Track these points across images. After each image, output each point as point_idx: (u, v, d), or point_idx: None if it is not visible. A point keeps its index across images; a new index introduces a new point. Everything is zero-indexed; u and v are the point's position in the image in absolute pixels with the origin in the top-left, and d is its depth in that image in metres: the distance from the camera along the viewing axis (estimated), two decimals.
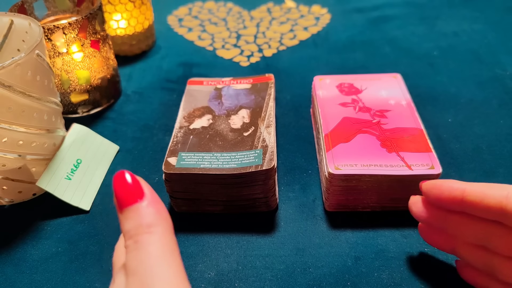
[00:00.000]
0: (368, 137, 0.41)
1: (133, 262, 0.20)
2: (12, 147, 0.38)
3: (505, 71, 0.59)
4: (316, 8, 0.78)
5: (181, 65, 0.64)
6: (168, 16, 0.78)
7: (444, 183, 0.30)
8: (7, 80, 0.34)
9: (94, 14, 0.49)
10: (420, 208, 0.33)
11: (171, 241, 0.21)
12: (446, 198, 0.30)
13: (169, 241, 0.21)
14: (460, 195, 0.29)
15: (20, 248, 0.39)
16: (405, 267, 0.35)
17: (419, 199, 0.33)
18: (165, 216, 0.22)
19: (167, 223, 0.22)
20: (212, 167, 0.38)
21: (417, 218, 0.33)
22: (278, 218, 0.40)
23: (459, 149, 0.47)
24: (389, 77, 0.49)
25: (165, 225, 0.22)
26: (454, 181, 0.30)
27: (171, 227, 0.22)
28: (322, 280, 0.35)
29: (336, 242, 0.38)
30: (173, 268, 0.20)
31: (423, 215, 0.32)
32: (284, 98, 0.56)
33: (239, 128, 0.42)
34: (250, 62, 0.64)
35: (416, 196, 0.33)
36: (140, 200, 0.22)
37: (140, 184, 0.22)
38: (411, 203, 0.33)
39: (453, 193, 0.29)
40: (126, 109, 0.55)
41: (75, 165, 0.43)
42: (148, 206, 0.22)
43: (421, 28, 0.70)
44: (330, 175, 0.38)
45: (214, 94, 0.47)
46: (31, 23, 0.40)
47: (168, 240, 0.21)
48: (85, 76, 0.51)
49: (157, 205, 0.22)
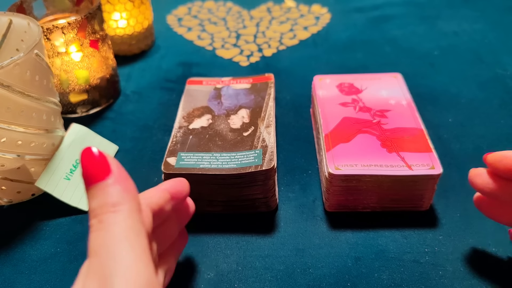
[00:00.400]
0: (368, 137, 0.40)
1: (95, 243, 0.20)
2: (11, 147, 0.38)
3: (505, 70, 0.58)
4: (316, 8, 0.78)
5: (181, 65, 0.64)
6: (168, 15, 0.78)
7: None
8: (6, 80, 0.34)
9: (93, 13, 0.49)
10: (486, 180, 0.31)
11: (137, 221, 0.20)
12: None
13: (135, 221, 0.20)
14: None
15: (19, 249, 0.39)
16: (405, 268, 0.35)
17: (483, 171, 0.32)
18: (132, 194, 0.21)
19: (134, 202, 0.21)
20: (212, 167, 0.38)
21: (481, 190, 0.32)
22: (278, 219, 0.40)
23: (460, 149, 0.46)
24: (390, 77, 0.48)
25: (132, 203, 0.21)
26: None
27: (139, 206, 0.21)
28: (322, 280, 0.35)
29: (336, 243, 0.38)
30: (136, 251, 0.19)
31: (489, 187, 0.31)
32: (284, 98, 0.56)
33: (238, 128, 0.42)
34: (249, 62, 0.64)
35: (478, 169, 0.32)
36: (107, 177, 0.21)
37: (107, 161, 0.21)
38: (473, 175, 0.32)
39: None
40: (125, 109, 0.55)
41: (74, 165, 0.43)
42: (115, 184, 0.21)
43: (422, 28, 0.70)
44: (330, 175, 0.37)
45: (213, 94, 0.47)
46: (30, 23, 0.40)
47: (134, 220, 0.20)
48: (84, 76, 0.51)
49: (124, 182, 0.21)
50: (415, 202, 0.39)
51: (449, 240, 0.37)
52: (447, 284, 0.34)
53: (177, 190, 0.28)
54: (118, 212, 0.20)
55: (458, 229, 0.38)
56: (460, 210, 0.40)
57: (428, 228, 0.38)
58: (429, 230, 0.38)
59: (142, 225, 0.21)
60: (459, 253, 0.36)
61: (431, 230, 0.38)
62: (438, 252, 0.36)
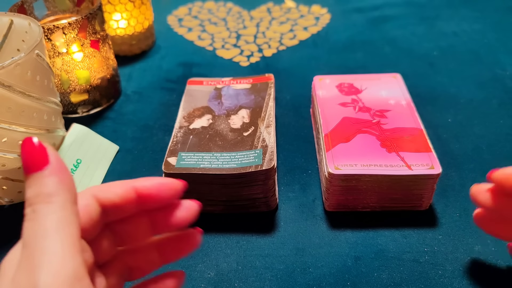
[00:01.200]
0: (368, 137, 0.41)
1: (27, 233, 0.20)
2: (12, 147, 0.38)
3: (505, 71, 0.59)
4: (316, 8, 0.78)
5: (181, 65, 0.64)
6: (168, 16, 0.78)
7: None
8: (7, 80, 0.34)
9: (94, 14, 0.49)
10: (488, 197, 0.31)
11: (71, 213, 0.20)
12: None
13: (68, 212, 0.20)
14: None
15: None
16: (405, 267, 0.35)
17: (485, 187, 0.32)
18: (68, 185, 0.21)
19: (69, 193, 0.21)
20: (212, 167, 0.38)
21: (484, 207, 0.32)
22: (278, 218, 0.40)
23: (459, 149, 0.47)
24: (389, 77, 0.49)
25: (67, 195, 0.21)
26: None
27: (74, 198, 0.21)
28: (322, 280, 0.35)
29: (336, 242, 0.38)
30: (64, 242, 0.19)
31: (491, 204, 0.31)
32: (284, 98, 0.56)
33: (239, 128, 0.42)
34: (250, 62, 0.64)
35: (480, 185, 0.32)
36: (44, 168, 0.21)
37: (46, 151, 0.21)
38: (476, 192, 0.32)
39: None
40: (126, 109, 0.55)
41: (75, 165, 0.43)
42: (51, 175, 0.21)
43: (421, 28, 0.70)
44: (330, 175, 0.38)
45: (214, 94, 0.47)
46: (31, 23, 0.40)
47: (68, 211, 0.20)
48: (85, 76, 0.51)
49: (60, 174, 0.21)
50: (415, 201, 0.39)
51: (449, 240, 0.37)
52: (447, 283, 0.34)
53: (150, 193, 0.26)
54: (51, 203, 0.20)
55: (458, 228, 0.38)
56: (459, 209, 0.40)
57: (427, 228, 0.38)
58: (429, 229, 0.38)
59: (75, 216, 0.21)
60: (459, 252, 0.36)
61: (431, 229, 0.38)
62: (438, 251, 0.36)
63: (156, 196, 0.26)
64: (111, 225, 0.26)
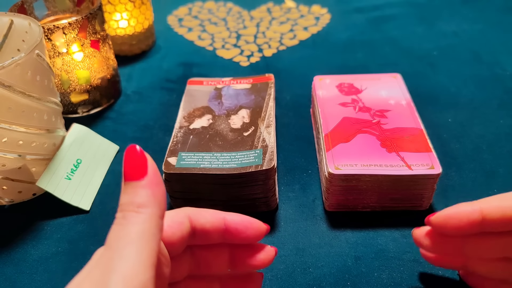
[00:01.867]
0: (368, 137, 0.41)
1: (113, 235, 0.21)
2: (12, 147, 0.38)
3: (505, 71, 0.59)
4: (316, 8, 0.78)
5: (181, 65, 0.64)
6: (168, 16, 0.78)
7: (456, 211, 0.29)
8: (7, 80, 0.34)
9: (94, 14, 0.49)
10: (431, 240, 0.31)
11: (156, 226, 0.21)
12: (465, 225, 0.28)
13: (154, 225, 0.21)
14: (479, 217, 0.27)
15: (20, 248, 0.39)
16: (405, 267, 0.35)
17: (424, 231, 0.31)
18: (159, 199, 0.22)
19: (158, 208, 0.22)
20: (212, 167, 0.38)
21: (430, 250, 0.32)
22: (278, 218, 0.40)
23: (459, 149, 0.47)
24: (389, 77, 0.49)
25: (156, 209, 0.22)
26: (464, 205, 0.28)
27: (162, 213, 0.22)
28: (322, 280, 0.35)
29: (336, 242, 0.38)
30: (142, 253, 0.20)
31: (437, 247, 0.31)
32: (284, 98, 0.56)
33: (239, 128, 0.42)
34: (250, 62, 0.64)
35: (419, 229, 0.32)
36: (141, 178, 0.22)
37: (146, 163, 0.23)
38: (418, 236, 0.32)
39: (471, 217, 0.28)
40: (126, 109, 0.55)
41: (75, 165, 0.43)
42: (145, 187, 0.22)
43: (421, 28, 0.70)
44: (330, 175, 0.38)
45: (214, 94, 0.47)
46: (31, 23, 0.40)
47: (154, 224, 0.21)
48: (85, 76, 0.51)
49: (155, 187, 0.22)
50: (415, 201, 0.39)
51: None
52: (447, 283, 0.34)
53: (237, 228, 0.27)
54: (140, 213, 0.21)
55: None
56: None
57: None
58: None
59: (158, 231, 0.22)
60: None
61: None
62: None
63: (242, 233, 0.27)
64: (194, 250, 0.27)
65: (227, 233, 0.27)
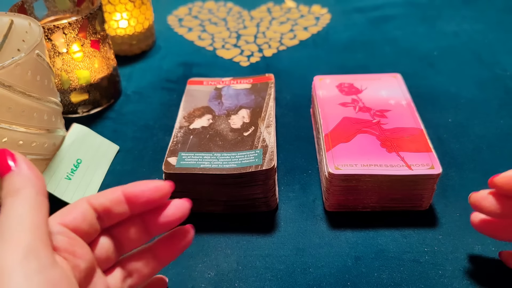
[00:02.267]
0: (368, 137, 0.41)
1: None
2: (12, 147, 0.38)
3: (505, 71, 0.59)
4: (316, 8, 0.78)
5: (181, 65, 0.64)
6: (168, 16, 0.78)
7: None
8: (7, 80, 0.34)
9: (94, 14, 0.49)
10: (494, 202, 0.30)
11: (39, 202, 0.23)
12: None
13: (33, 200, 0.23)
14: None
15: None
16: (405, 267, 0.35)
17: (487, 193, 0.31)
18: (32, 180, 0.23)
19: (32, 186, 0.23)
20: (212, 167, 0.38)
21: (490, 213, 0.31)
22: (278, 218, 0.40)
23: (459, 149, 0.47)
24: (389, 77, 0.49)
25: (32, 188, 0.23)
26: None
27: (41, 190, 0.24)
28: (322, 280, 0.35)
29: (336, 242, 0.38)
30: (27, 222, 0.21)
31: (498, 208, 0.30)
32: (284, 98, 0.56)
33: (239, 128, 0.42)
34: (250, 62, 0.64)
35: (481, 192, 0.31)
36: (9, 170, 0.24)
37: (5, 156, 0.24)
38: (479, 199, 0.31)
39: None
40: (126, 109, 0.55)
41: (75, 165, 0.43)
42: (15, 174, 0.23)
43: (422, 28, 0.70)
44: (330, 175, 0.38)
45: (214, 94, 0.47)
46: (31, 23, 0.40)
47: (32, 200, 0.23)
48: (85, 76, 0.51)
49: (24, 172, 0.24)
50: (415, 201, 0.39)
51: (449, 240, 0.37)
52: (447, 283, 0.34)
53: (136, 195, 0.27)
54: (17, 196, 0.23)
55: (458, 228, 0.38)
56: (459, 209, 0.40)
57: (427, 228, 0.38)
58: (429, 229, 0.38)
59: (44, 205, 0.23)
60: (459, 252, 0.36)
61: (431, 229, 0.38)
62: (438, 251, 0.36)
63: (141, 197, 0.27)
64: (110, 232, 0.28)
65: (130, 204, 0.27)
